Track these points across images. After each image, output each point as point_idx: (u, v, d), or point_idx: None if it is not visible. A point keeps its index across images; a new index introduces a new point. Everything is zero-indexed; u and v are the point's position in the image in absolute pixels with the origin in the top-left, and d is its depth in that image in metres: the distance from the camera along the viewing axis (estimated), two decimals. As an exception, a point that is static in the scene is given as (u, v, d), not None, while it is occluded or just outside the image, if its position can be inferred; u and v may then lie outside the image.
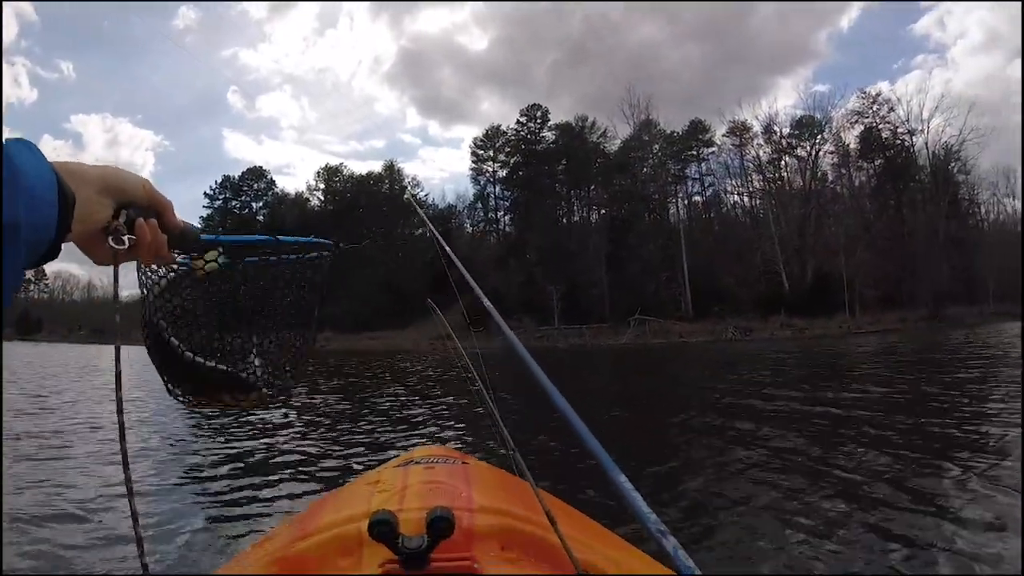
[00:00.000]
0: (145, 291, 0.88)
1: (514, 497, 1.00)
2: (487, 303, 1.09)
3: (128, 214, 0.58)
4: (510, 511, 0.90)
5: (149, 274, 0.86)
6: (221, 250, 0.82)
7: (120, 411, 0.59)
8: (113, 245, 0.57)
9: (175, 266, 0.84)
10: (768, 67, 71.50)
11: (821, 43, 68.89)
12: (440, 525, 0.74)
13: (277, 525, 1.37)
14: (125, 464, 0.58)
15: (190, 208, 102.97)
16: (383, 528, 0.73)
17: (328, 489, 3.27)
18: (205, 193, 53.34)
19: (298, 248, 0.94)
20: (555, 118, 48.86)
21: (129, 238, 0.58)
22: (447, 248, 1.47)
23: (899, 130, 43.58)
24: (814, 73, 68.79)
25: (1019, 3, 36.43)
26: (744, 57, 66.36)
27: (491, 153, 48.59)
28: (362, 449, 5.28)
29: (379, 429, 6.37)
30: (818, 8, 68.45)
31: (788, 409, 6.93)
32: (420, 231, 47.22)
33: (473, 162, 49.17)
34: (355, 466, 4.56)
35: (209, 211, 52.89)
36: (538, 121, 47.83)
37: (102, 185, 0.55)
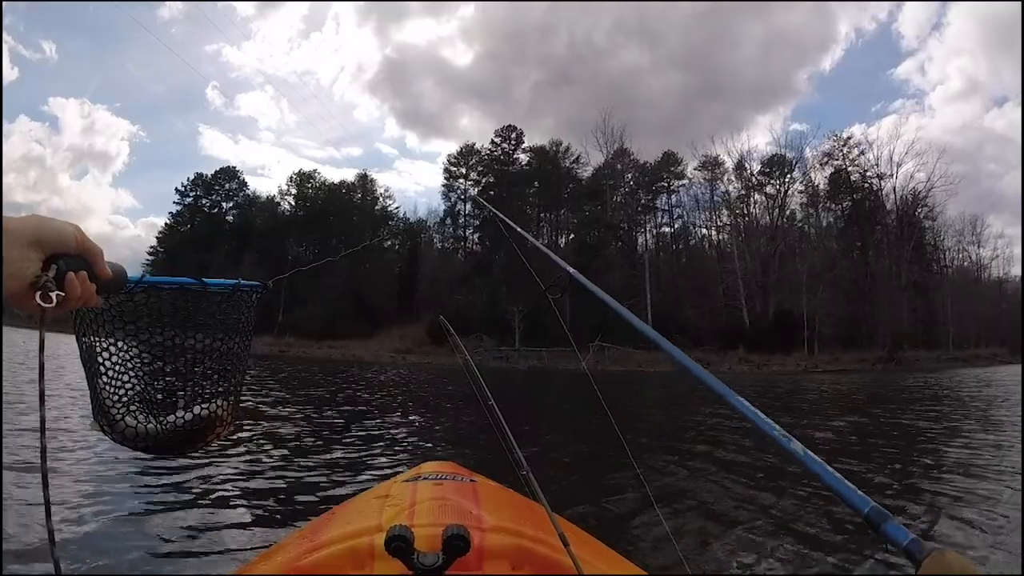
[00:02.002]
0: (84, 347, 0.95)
1: (523, 516, 1.00)
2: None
3: (58, 267, 0.55)
4: (520, 530, 0.90)
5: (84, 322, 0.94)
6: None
7: (42, 403, 0.58)
8: (41, 304, 0.54)
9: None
10: (747, 102, 72.48)
11: (802, 82, 70.01)
12: (456, 543, 0.75)
13: (285, 535, 1.37)
14: (43, 459, 0.57)
15: (161, 202, 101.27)
16: (400, 543, 0.74)
17: (333, 501, 3.39)
18: (177, 189, 52.66)
19: (226, 290, 0.98)
20: (535, 139, 49.37)
21: (57, 294, 0.55)
22: (547, 248, 1.42)
23: (868, 173, 44.46)
24: (792, 111, 69.62)
25: (1019, 3, 37.23)
26: (724, 90, 67.32)
27: (463, 170, 48.69)
28: (364, 463, 5.20)
29: (378, 443, 6.25)
30: (802, 47, 69.84)
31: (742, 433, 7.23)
32: (389, 242, 46.95)
33: (445, 178, 49.25)
34: (359, 479, 4.52)
35: (179, 207, 52.24)
36: (512, 142, 48.14)
37: (32, 239, 0.53)
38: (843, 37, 68.41)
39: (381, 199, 49.95)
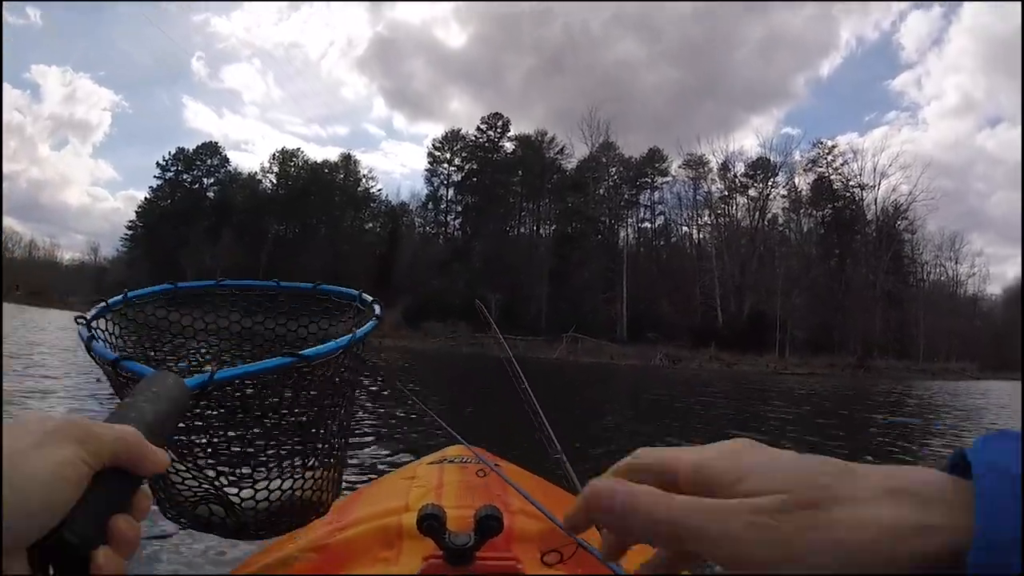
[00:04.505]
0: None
1: (551, 501, 0.96)
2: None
3: (61, 543, 0.31)
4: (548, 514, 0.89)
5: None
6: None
7: None
8: None
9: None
10: (742, 102, 72.57)
11: (799, 86, 70.47)
12: (490, 523, 0.75)
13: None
14: None
15: (142, 175, 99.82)
16: (433, 522, 0.73)
17: (357, 482, 3.44)
18: (158, 163, 52.02)
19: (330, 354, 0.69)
20: (523, 127, 49.37)
21: None
22: None
23: (851, 183, 44.92)
24: (787, 115, 69.63)
25: (1019, 3, 37.62)
26: (719, 89, 67.52)
27: (448, 155, 48.55)
28: (386, 446, 5.15)
29: (398, 426, 6.18)
30: (802, 50, 70.19)
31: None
32: (370, 225, 46.70)
33: (430, 162, 49.13)
34: (383, 462, 4.47)
35: (160, 181, 51.68)
36: (498, 130, 48.09)
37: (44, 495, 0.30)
38: (844, 44, 68.99)
39: (364, 180, 49.76)
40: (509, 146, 48.10)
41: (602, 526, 0.31)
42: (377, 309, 0.77)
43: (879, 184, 44.11)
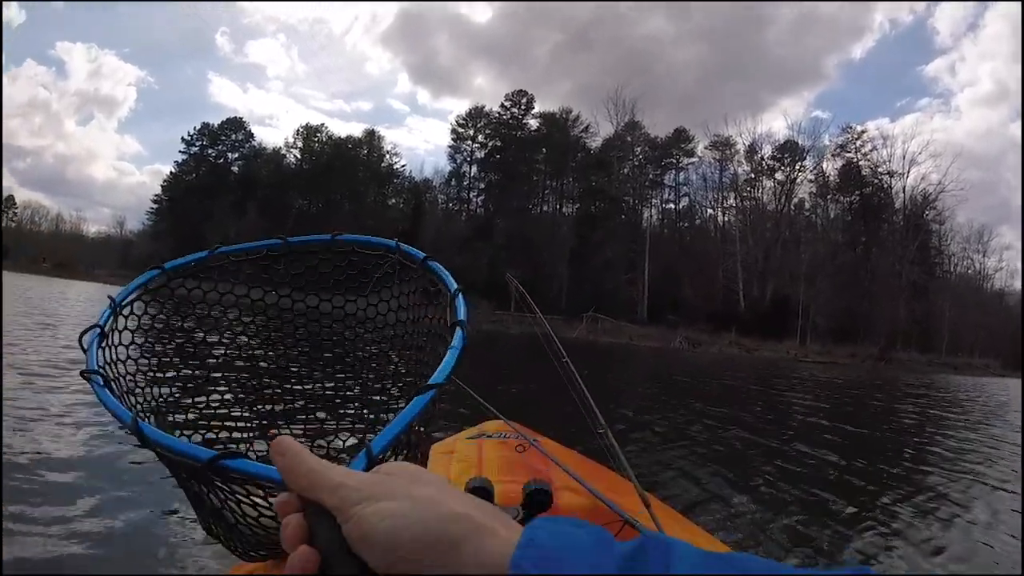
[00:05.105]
0: None
1: (594, 477, 0.97)
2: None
3: None
4: (593, 490, 0.89)
5: None
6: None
7: None
8: None
9: None
10: (771, 83, 70.79)
11: (830, 68, 68.66)
12: (539, 498, 0.74)
13: None
14: None
15: (167, 149, 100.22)
16: (481, 495, 0.70)
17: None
18: (183, 138, 52.48)
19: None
20: (548, 103, 48.84)
21: None
22: None
23: (879, 169, 44.09)
24: (817, 97, 67.73)
25: (1019, 3, 36.78)
26: (748, 69, 65.84)
27: (471, 132, 48.36)
28: None
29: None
30: (835, 32, 68.41)
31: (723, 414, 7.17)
32: (393, 201, 46.84)
33: (453, 139, 48.98)
34: None
35: (185, 156, 52.24)
36: (522, 107, 47.75)
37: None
38: (877, 26, 66.98)
39: (388, 156, 49.88)
40: (533, 123, 47.87)
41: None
42: (461, 311, 0.63)
43: (908, 172, 43.24)
